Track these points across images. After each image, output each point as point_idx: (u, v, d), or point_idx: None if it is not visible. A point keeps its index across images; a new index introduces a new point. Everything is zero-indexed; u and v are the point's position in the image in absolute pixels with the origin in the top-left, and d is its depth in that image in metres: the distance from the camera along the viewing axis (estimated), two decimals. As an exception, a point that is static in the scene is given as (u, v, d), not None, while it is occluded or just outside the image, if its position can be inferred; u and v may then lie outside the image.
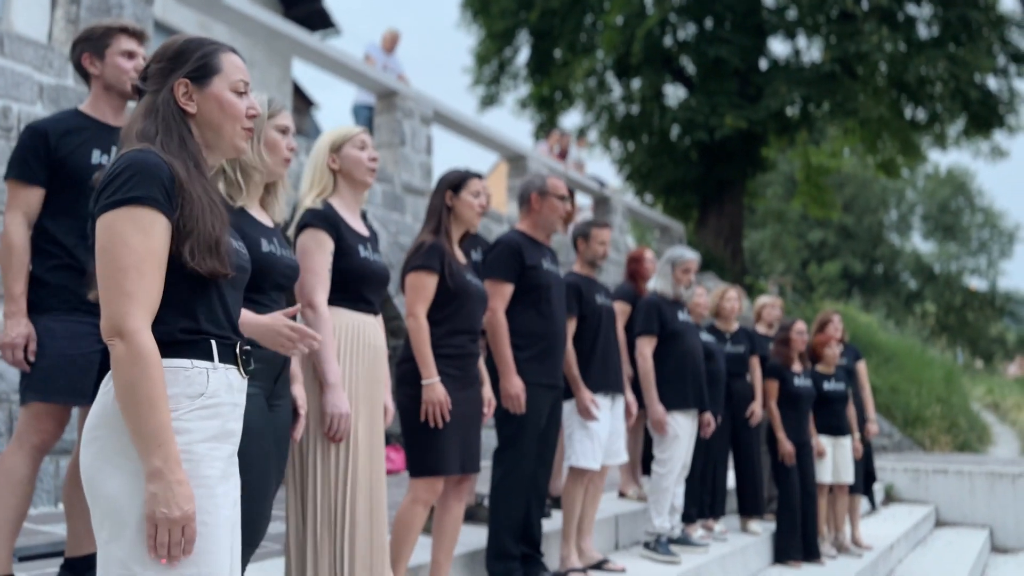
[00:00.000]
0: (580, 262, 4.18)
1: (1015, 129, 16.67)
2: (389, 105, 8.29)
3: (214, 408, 1.50)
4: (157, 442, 1.38)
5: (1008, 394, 15.13)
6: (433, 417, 2.87)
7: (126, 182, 1.45)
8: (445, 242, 3.03)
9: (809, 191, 19.25)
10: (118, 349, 1.41)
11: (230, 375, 1.56)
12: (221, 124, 1.63)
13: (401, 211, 7.87)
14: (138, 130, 1.56)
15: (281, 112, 2.32)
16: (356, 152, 2.69)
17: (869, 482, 6.46)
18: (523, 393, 3.37)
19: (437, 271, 2.96)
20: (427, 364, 2.89)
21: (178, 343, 1.49)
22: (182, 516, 1.38)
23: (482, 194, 3.13)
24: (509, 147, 10.31)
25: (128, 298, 1.41)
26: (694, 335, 4.66)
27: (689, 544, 4.61)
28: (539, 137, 18.61)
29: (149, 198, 1.44)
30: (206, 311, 1.53)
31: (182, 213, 1.48)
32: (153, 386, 1.40)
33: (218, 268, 1.51)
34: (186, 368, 1.49)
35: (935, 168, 43.76)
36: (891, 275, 43.15)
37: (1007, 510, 8.03)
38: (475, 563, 3.51)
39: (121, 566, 1.40)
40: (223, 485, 1.49)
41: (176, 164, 1.51)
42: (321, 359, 2.46)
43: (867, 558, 5.57)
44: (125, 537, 1.40)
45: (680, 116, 15.83)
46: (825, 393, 5.67)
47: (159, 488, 1.37)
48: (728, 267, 15.83)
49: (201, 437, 1.47)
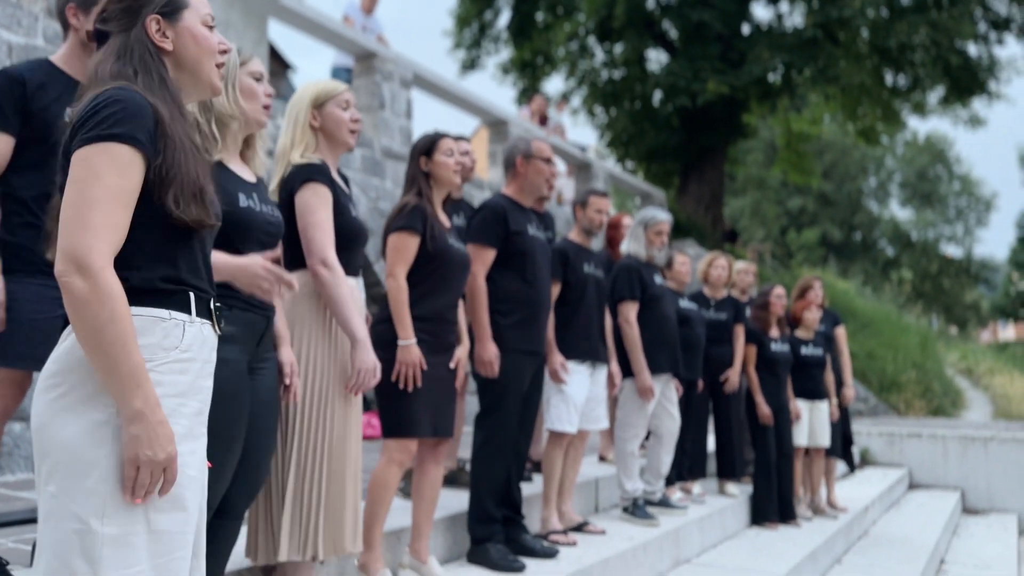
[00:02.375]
0: (577, 229, 4.17)
1: (994, 96, 16.73)
2: (368, 67, 8.16)
3: (187, 363, 1.44)
4: (134, 383, 1.32)
5: (981, 360, 15.38)
6: (405, 379, 2.85)
7: (109, 117, 1.37)
8: (428, 205, 3.00)
9: (789, 158, 19.27)
10: (77, 286, 1.30)
11: (205, 330, 1.50)
12: (198, 60, 1.55)
13: (381, 176, 7.79)
14: (112, 71, 1.46)
15: (252, 59, 2.23)
16: (339, 112, 2.61)
17: (847, 446, 6.56)
18: (496, 359, 3.36)
19: (419, 232, 2.93)
20: (404, 325, 2.86)
21: (158, 292, 1.43)
22: (167, 457, 1.33)
23: (456, 151, 3.08)
24: (490, 112, 10.21)
25: (93, 232, 1.33)
26: (669, 300, 4.66)
27: (668, 507, 4.67)
28: (521, 103, 18.46)
29: (131, 137, 1.37)
30: (187, 261, 1.46)
31: (164, 158, 1.41)
32: (124, 326, 1.32)
33: (204, 217, 1.45)
34: (163, 319, 1.42)
35: (914, 135, 43.96)
36: (869, 242, 43.51)
37: (978, 473, 8.20)
38: (457, 526, 3.53)
39: (75, 520, 1.32)
40: (189, 443, 1.44)
41: (159, 105, 1.44)
42: (345, 316, 2.43)
43: (842, 519, 5.67)
44: (81, 489, 1.32)
45: (662, 81, 15.74)
46: (803, 358, 5.73)
47: (141, 429, 1.31)
48: (708, 234, 15.87)
49: (171, 391, 1.41)
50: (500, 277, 3.49)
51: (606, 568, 3.58)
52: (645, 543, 3.97)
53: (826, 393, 5.84)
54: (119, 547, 1.32)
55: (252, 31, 7.12)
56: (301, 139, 2.59)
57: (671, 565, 4.24)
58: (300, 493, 2.43)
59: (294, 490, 2.43)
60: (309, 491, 2.43)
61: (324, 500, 2.43)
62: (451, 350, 3.05)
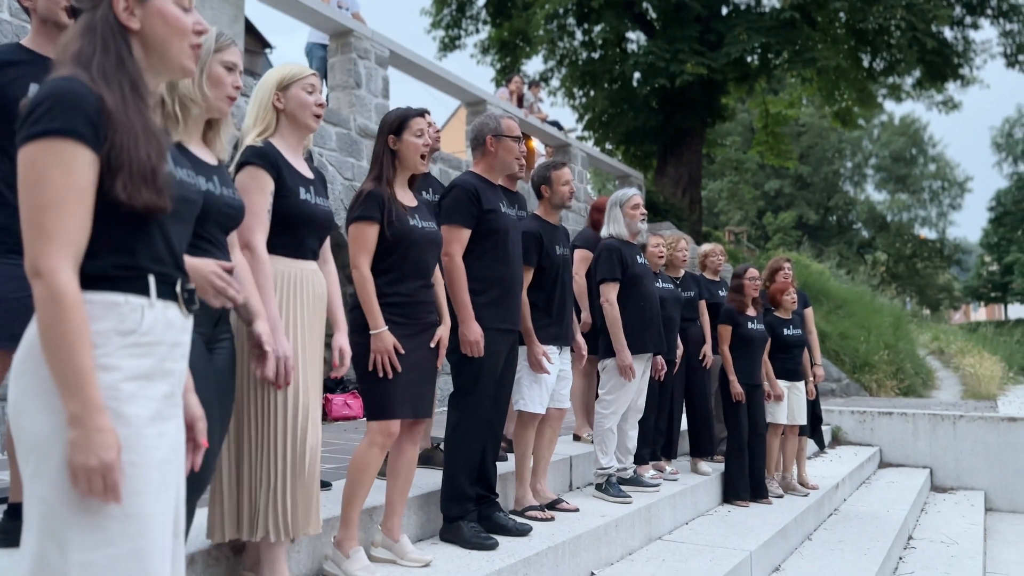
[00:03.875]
0: (545, 207, 4.14)
1: (969, 81, 16.88)
2: (344, 45, 8.08)
3: (147, 347, 1.43)
4: (75, 387, 1.32)
5: (952, 340, 15.59)
6: (381, 366, 2.86)
7: (46, 112, 1.35)
8: (386, 189, 2.96)
9: (767, 140, 19.36)
10: (37, 289, 1.33)
11: (169, 312, 1.48)
12: (167, 41, 1.51)
13: (357, 155, 7.73)
14: (74, 51, 1.44)
15: (229, 48, 2.22)
16: (303, 95, 2.60)
17: (816, 424, 6.65)
18: (482, 339, 3.36)
19: (377, 220, 2.90)
20: (373, 315, 2.86)
21: (111, 277, 1.42)
22: (100, 465, 1.31)
23: (426, 132, 3.05)
24: (468, 91, 10.15)
25: (46, 237, 1.33)
26: (650, 279, 4.70)
27: (641, 484, 4.71)
28: (500, 84, 18.37)
29: (70, 130, 1.34)
30: (145, 247, 1.44)
31: (112, 145, 1.38)
32: (70, 329, 1.32)
33: (155, 201, 1.40)
34: (119, 303, 1.41)
35: (889, 117, 44.30)
36: (844, 224, 43.92)
37: (947, 451, 8.34)
38: (430, 504, 3.54)
39: (42, 503, 1.34)
40: (155, 426, 1.42)
41: (108, 91, 1.40)
42: (261, 303, 2.39)
43: (812, 497, 5.76)
44: (47, 474, 1.34)
45: (641, 62, 15.71)
46: (785, 339, 5.79)
47: (77, 435, 1.31)
48: (686, 217, 15.93)
49: (129, 375, 1.40)
50: (473, 256, 3.48)
51: (578, 545, 3.62)
52: (618, 520, 4.01)
53: (804, 374, 5.92)
54: (87, 530, 1.33)
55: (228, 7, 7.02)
56: (262, 120, 2.59)
57: (643, 542, 4.29)
58: (252, 474, 2.42)
59: (248, 471, 2.42)
60: (259, 473, 2.42)
61: (277, 482, 2.42)
62: (430, 330, 3.04)
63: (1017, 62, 17.53)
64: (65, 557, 1.32)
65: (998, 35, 17.51)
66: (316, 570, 2.90)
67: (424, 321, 3.02)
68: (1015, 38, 17.37)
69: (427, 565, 3.01)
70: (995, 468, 8.05)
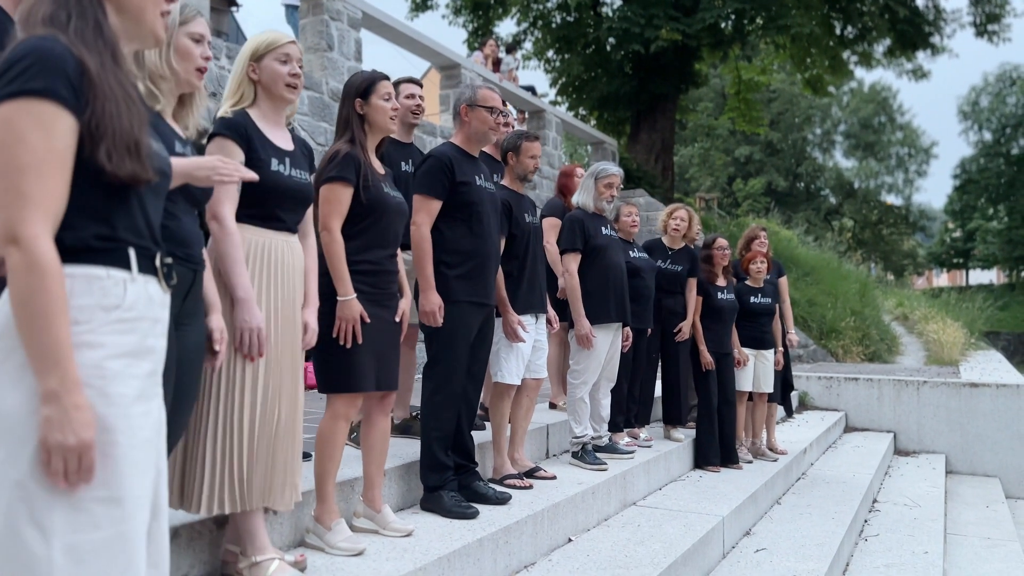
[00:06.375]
0: (510, 176, 4.12)
1: (939, 50, 17.01)
2: (316, 6, 7.92)
3: (131, 322, 1.39)
4: (53, 360, 1.26)
5: (916, 307, 15.91)
6: (345, 335, 2.80)
7: (24, 71, 1.28)
8: (360, 152, 2.91)
9: (738, 106, 19.42)
10: (13, 258, 1.26)
11: (150, 287, 1.44)
12: (142, 6, 1.46)
13: (329, 120, 7.62)
14: (45, 14, 1.36)
15: (195, 19, 2.17)
16: (276, 66, 2.55)
17: (787, 391, 6.77)
18: (440, 310, 3.34)
19: (352, 183, 2.84)
20: (342, 280, 2.79)
21: (92, 250, 1.36)
22: (78, 443, 1.26)
23: (393, 96, 3.01)
24: (442, 55, 10.02)
25: (25, 201, 1.26)
26: (616, 250, 4.72)
27: (616, 452, 4.79)
28: (473, 47, 18.13)
29: (51, 91, 1.28)
30: (125, 218, 1.40)
31: (93, 111, 1.32)
32: (50, 299, 1.26)
33: (139, 172, 1.36)
34: (101, 277, 1.36)
35: (859, 84, 44.59)
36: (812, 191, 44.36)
37: (910, 416, 8.56)
38: (410, 474, 3.57)
39: (18, 487, 1.27)
40: (141, 404, 1.39)
41: (88, 55, 1.34)
42: (230, 273, 2.36)
43: (781, 462, 5.89)
44: (24, 457, 1.28)
45: (616, 27, 15.61)
46: (751, 306, 5.87)
47: (54, 411, 1.26)
48: (658, 183, 15.97)
49: (115, 352, 1.36)
50: (447, 228, 3.46)
51: (557, 512, 3.67)
52: (594, 487, 4.07)
53: (773, 342, 6.00)
54: (71, 512, 1.29)
55: (193, -35, 6.82)
56: (236, 91, 2.56)
57: (619, 507, 4.37)
58: (217, 448, 2.37)
59: (212, 445, 2.37)
60: (226, 446, 2.37)
61: (243, 456, 2.38)
62: (393, 300, 3.00)
63: (987, 31, 17.70)
64: (48, 542, 1.27)
65: (968, 4, 17.63)
66: (299, 540, 2.91)
67: (389, 290, 2.97)
68: (984, 8, 17.51)
69: (409, 535, 3.04)
70: (956, 432, 8.29)
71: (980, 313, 16.81)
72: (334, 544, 2.80)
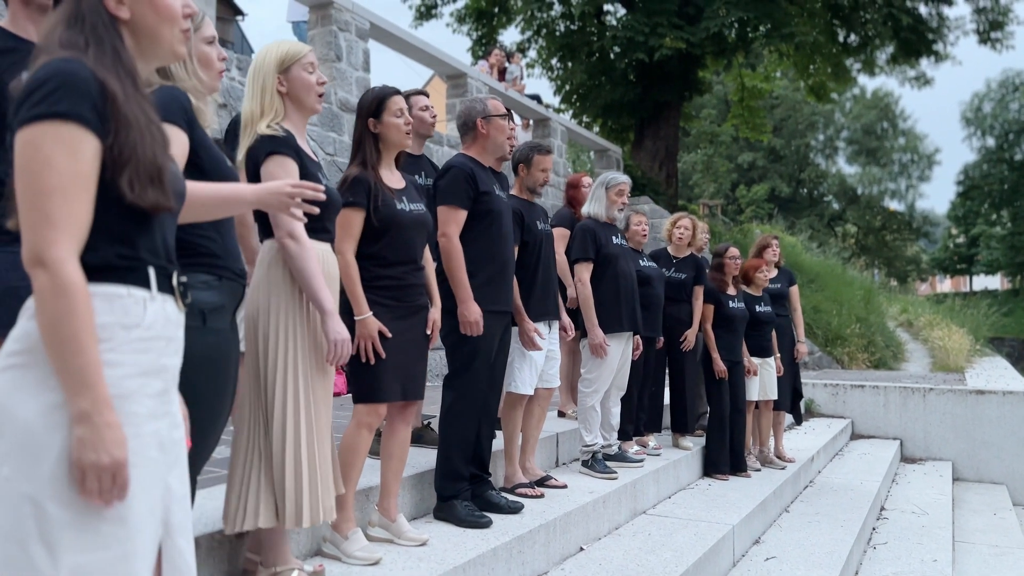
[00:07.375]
0: (519, 187, 4.16)
1: (942, 57, 17.05)
2: (324, 17, 7.98)
3: (149, 341, 1.39)
4: (84, 383, 1.26)
5: (921, 313, 15.91)
6: (365, 352, 2.87)
7: (51, 93, 1.28)
8: (371, 174, 2.96)
9: (742, 113, 19.46)
10: (40, 281, 1.26)
11: (167, 307, 1.44)
12: (158, 28, 1.46)
13: (339, 130, 7.67)
14: (62, 40, 1.35)
15: (204, 23, 2.20)
16: (305, 75, 2.55)
17: (796, 400, 6.78)
18: (481, 319, 3.39)
19: (363, 206, 2.91)
20: (358, 301, 2.87)
21: (113, 268, 1.36)
22: (112, 463, 1.26)
23: (405, 110, 3.05)
24: (448, 64, 10.07)
25: (52, 225, 1.26)
26: (627, 259, 4.76)
27: (625, 460, 4.81)
28: (477, 56, 18.20)
29: (76, 114, 1.28)
30: (146, 241, 1.40)
31: (117, 138, 1.32)
32: (80, 323, 1.26)
33: (161, 201, 1.36)
34: (122, 296, 1.36)
35: (862, 90, 44.67)
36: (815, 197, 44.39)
37: (916, 423, 8.57)
38: (424, 483, 3.60)
39: (30, 503, 1.25)
40: (151, 423, 1.38)
41: (111, 80, 1.34)
42: (313, 288, 2.41)
43: (789, 470, 5.90)
44: (39, 473, 1.26)
45: (620, 36, 15.66)
46: (757, 315, 5.90)
47: (87, 432, 1.25)
48: (662, 190, 16.00)
49: (133, 372, 1.35)
50: (468, 237, 3.50)
51: (568, 521, 3.70)
52: (605, 496, 4.10)
53: (773, 350, 6.04)
54: (79, 531, 1.27)
55: (202, -23, 6.88)
56: (270, 107, 2.52)
57: (629, 516, 4.39)
58: (276, 464, 2.41)
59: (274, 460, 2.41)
60: (284, 462, 2.40)
61: (304, 471, 2.41)
62: (420, 312, 3.06)
63: (990, 39, 17.74)
64: (56, 560, 1.25)
65: (971, 12, 17.68)
66: (317, 551, 2.94)
67: (414, 304, 3.03)
68: (988, 15, 17.55)
69: (424, 544, 3.07)
70: (962, 439, 8.30)
71: (985, 319, 16.78)
72: (351, 553, 2.83)
